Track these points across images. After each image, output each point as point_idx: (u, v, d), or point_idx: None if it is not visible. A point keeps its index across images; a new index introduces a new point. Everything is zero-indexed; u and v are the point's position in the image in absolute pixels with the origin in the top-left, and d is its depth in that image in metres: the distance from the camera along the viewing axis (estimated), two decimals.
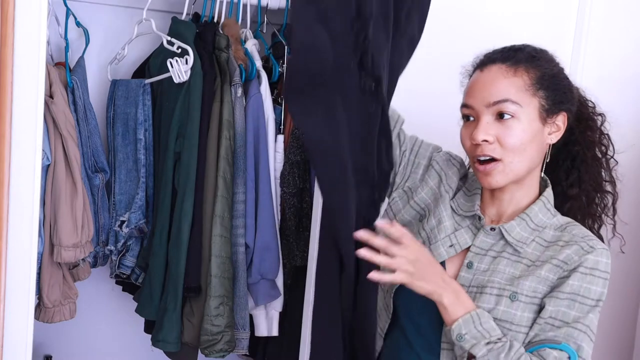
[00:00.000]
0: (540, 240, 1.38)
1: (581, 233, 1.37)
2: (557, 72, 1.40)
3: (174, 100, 2.10)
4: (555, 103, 1.37)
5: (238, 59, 2.17)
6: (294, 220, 2.27)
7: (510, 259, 1.36)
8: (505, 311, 1.32)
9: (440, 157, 1.51)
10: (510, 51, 1.39)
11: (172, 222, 2.11)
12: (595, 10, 2.20)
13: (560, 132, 1.39)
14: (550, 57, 1.41)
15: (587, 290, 1.31)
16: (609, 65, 2.26)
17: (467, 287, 1.36)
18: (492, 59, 1.39)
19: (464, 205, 1.45)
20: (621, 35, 2.29)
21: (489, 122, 1.34)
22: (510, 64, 1.36)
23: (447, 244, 1.41)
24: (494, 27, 2.06)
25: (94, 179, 2.13)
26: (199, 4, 2.24)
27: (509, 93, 1.33)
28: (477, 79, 1.39)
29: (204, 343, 2.11)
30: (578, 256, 1.32)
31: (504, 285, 1.33)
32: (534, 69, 1.36)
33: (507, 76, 1.35)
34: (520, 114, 1.33)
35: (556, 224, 1.40)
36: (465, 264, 1.38)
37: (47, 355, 2.48)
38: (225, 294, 2.11)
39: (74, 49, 2.16)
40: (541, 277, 1.33)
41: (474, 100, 1.36)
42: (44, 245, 1.95)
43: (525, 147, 1.34)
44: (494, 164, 1.34)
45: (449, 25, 1.98)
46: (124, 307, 2.46)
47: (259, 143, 2.17)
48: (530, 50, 1.39)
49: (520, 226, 1.38)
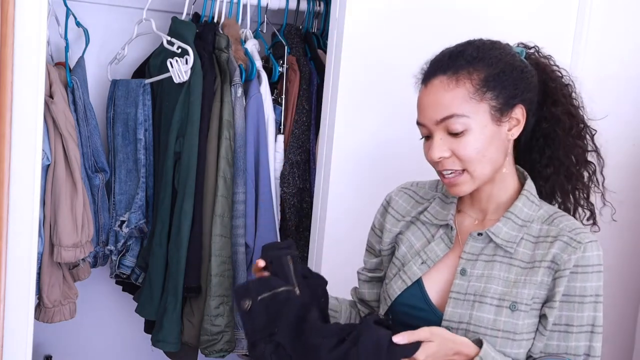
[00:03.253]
0: (528, 237, 1.36)
1: (568, 226, 1.35)
2: (505, 66, 1.33)
3: (174, 100, 2.10)
4: (507, 100, 1.32)
5: (238, 59, 2.17)
6: (294, 220, 2.27)
7: (503, 262, 1.35)
8: (507, 322, 1.31)
9: (390, 198, 1.52)
10: (450, 59, 1.32)
11: (172, 222, 2.11)
12: (595, 10, 2.20)
13: (521, 125, 1.35)
14: (495, 53, 1.34)
15: (583, 289, 1.30)
16: (609, 65, 2.26)
17: (464, 294, 1.34)
18: (433, 71, 1.33)
19: (439, 214, 1.44)
20: (621, 35, 2.29)
21: (442, 138, 1.31)
22: (450, 74, 1.30)
23: (418, 261, 1.41)
24: (494, 27, 2.06)
25: (94, 179, 2.13)
26: (199, 4, 2.24)
27: (453, 107, 1.29)
28: (421, 96, 1.35)
29: (204, 343, 2.11)
30: (568, 255, 1.31)
31: (502, 294, 1.32)
32: (477, 72, 1.30)
33: (449, 89, 1.30)
34: (470, 124, 1.29)
35: (543, 216, 1.38)
36: (459, 272, 1.36)
37: (47, 355, 2.48)
38: (225, 293, 2.11)
39: (74, 49, 2.16)
40: (538, 283, 1.32)
41: (423, 118, 1.34)
42: (44, 245, 1.95)
43: (483, 153, 1.31)
44: (458, 176, 1.33)
45: (448, 26, 1.99)
46: (124, 307, 2.46)
47: (259, 143, 2.17)
48: (471, 52, 1.32)
49: (507, 226, 1.36)
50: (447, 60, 1.32)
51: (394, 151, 2.01)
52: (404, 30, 2.00)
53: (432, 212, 1.45)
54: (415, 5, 2.01)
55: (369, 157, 2.04)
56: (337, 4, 1.97)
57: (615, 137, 2.33)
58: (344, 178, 2.03)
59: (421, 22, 2.02)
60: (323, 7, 2.38)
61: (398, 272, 1.42)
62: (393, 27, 1.99)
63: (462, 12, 2.04)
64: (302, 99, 2.26)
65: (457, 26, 2.00)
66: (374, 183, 1.95)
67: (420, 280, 1.39)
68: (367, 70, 1.99)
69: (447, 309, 1.34)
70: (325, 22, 2.38)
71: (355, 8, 1.94)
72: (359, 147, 2.02)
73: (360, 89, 1.99)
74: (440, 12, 2.04)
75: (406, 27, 2.00)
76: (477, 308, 1.32)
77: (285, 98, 2.27)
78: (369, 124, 2.01)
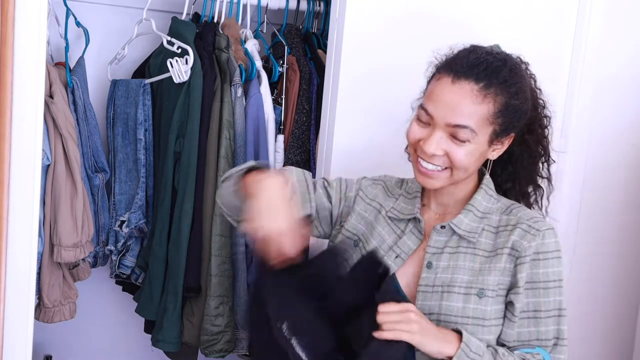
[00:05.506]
0: (489, 228, 1.42)
1: (526, 215, 1.41)
2: (522, 101, 1.38)
3: (174, 100, 2.10)
4: (507, 129, 1.39)
5: (238, 59, 2.17)
6: None
7: (467, 252, 1.40)
8: (476, 308, 1.36)
9: (364, 184, 1.57)
10: (486, 70, 1.34)
11: (172, 222, 2.11)
12: (595, 11, 2.20)
13: (503, 149, 1.43)
14: (522, 83, 1.39)
15: (546, 274, 1.36)
16: (608, 65, 2.26)
17: (432, 287, 1.39)
18: (467, 72, 1.34)
19: (404, 209, 1.49)
20: (621, 35, 2.29)
21: (442, 137, 1.35)
22: (482, 87, 1.33)
23: (392, 256, 1.45)
24: (495, 28, 2.06)
25: (94, 179, 2.13)
26: (199, 4, 2.24)
27: (471, 120, 1.33)
28: (444, 89, 1.35)
29: (204, 343, 2.11)
30: (527, 242, 1.36)
31: (469, 282, 1.37)
32: (502, 96, 1.34)
33: (475, 101, 1.33)
34: (473, 139, 1.34)
35: (501, 208, 1.45)
36: (425, 265, 1.41)
37: (47, 355, 2.48)
38: (225, 293, 2.11)
39: (73, 49, 2.15)
40: (502, 270, 1.37)
41: (435, 111, 1.35)
42: (44, 245, 1.95)
43: (470, 164, 1.37)
44: (439, 172, 1.38)
45: (448, 26, 1.99)
46: (124, 307, 2.46)
47: (259, 143, 2.17)
48: (505, 75, 1.36)
49: (467, 217, 1.42)
50: (483, 69, 1.34)
51: (394, 151, 2.01)
52: (404, 30, 2.00)
53: (398, 209, 1.50)
54: (416, 6, 2.01)
55: (369, 157, 2.04)
56: (337, 4, 1.97)
57: (615, 137, 2.34)
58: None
59: (421, 22, 2.01)
60: (323, 7, 2.38)
61: None
62: (393, 27, 1.99)
63: (462, 13, 2.04)
64: (302, 99, 2.26)
65: (457, 27, 2.00)
66: None
67: (394, 275, 1.43)
68: (367, 70, 1.99)
69: (417, 302, 1.39)
70: (325, 22, 2.38)
71: (355, 8, 1.94)
72: (358, 147, 2.02)
73: (360, 89, 1.99)
74: (440, 13, 2.04)
75: (406, 27, 2.00)
76: (445, 298, 1.37)
77: (285, 98, 2.27)
78: (369, 124, 2.01)
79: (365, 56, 1.98)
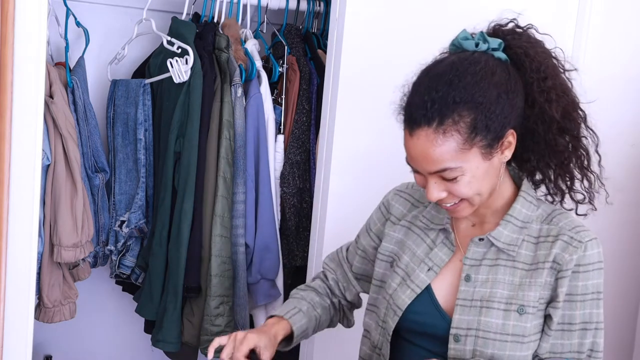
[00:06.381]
0: (529, 238, 1.35)
1: (568, 224, 1.34)
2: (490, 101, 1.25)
3: (174, 100, 2.10)
4: (496, 134, 1.26)
5: (238, 59, 2.17)
6: (294, 220, 2.27)
7: (507, 265, 1.35)
8: (516, 325, 1.31)
9: (391, 202, 1.53)
10: (434, 106, 1.23)
11: (172, 222, 2.11)
12: (596, 10, 2.20)
13: (513, 146, 1.30)
14: (476, 87, 1.24)
15: (585, 287, 1.31)
16: (609, 65, 2.26)
17: (470, 301, 1.34)
18: (417, 121, 1.25)
19: (434, 218, 1.44)
20: (621, 35, 2.29)
21: (436, 182, 1.29)
22: (436, 126, 1.23)
23: (424, 269, 1.40)
24: None
25: (94, 179, 2.13)
26: (199, 4, 2.24)
27: (444, 162, 1.25)
28: (408, 144, 1.29)
29: (204, 343, 2.11)
30: (569, 254, 1.31)
31: (509, 298, 1.32)
32: (463, 118, 1.23)
33: (437, 144, 1.23)
34: (464, 169, 1.26)
35: (542, 215, 1.37)
36: (464, 277, 1.36)
37: (47, 355, 2.48)
38: (225, 293, 2.11)
39: (73, 49, 2.15)
40: (542, 284, 1.32)
41: (415, 165, 1.30)
42: (44, 245, 1.95)
43: (480, 186, 1.29)
44: (458, 205, 1.32)
45: (448, 26, 1.98)
46: (124, 307, 2.46)
47: (259, 143, 2.17)
48: (454, 95, 1.23)
49: (507, 229, 1.35)
50: (430, 107, 1.24)
51: (394, 151, 2.00)
52: (404, 30, 2.00)
53: (427, 217, 1.45)
54: (415, 5, 2.01)
55: (369, 157, 2.04)
56: (337, 4, 1.97)
57: (615, 137, 2.33)
58: (344, 178, 2.03)
59: (421, 21, 2.02)
60: (323, 7, 2.38)
61: (404, 282, 1.41)
62: (393, 27, 1.99)
63: (461, 12, 2.04)
64: (302, 99, 2.26)
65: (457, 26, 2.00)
66: (374, 183, 1.94)
67: (429, 287, 1.39)
68: (367, 70, 1.99)
69: (454, 317, 1.34)
70: (325, 22, 2.38)
71: (355, 8, 1.94)
72: (359, 147, 2.02)
73: (360, 88, 1.99)
74: (440, 12, 2.04)
75: (406, 26, 2.00)
76: (484, 313, 1.33)
77: (285, 98, 2.27)
78: (369, 124, 2.01)
79: (365, 56, 1.98)
